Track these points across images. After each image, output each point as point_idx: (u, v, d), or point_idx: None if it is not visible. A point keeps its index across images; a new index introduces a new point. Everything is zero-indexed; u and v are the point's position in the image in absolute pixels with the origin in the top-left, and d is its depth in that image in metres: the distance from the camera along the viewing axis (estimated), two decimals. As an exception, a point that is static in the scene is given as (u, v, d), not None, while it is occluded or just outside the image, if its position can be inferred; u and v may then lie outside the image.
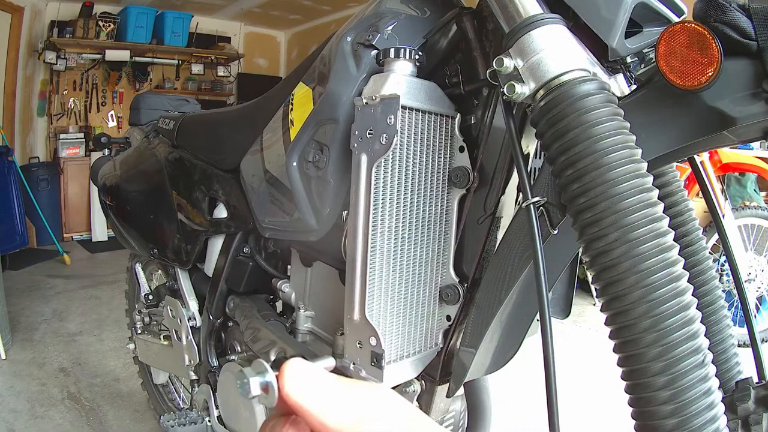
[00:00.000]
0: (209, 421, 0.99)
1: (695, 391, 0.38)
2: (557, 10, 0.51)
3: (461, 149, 0.64)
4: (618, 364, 0.42)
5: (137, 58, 4.59)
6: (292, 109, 0.73)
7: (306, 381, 0.20)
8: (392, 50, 0.59)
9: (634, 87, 0.53)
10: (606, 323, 0.43)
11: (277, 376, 0.20)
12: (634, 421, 0.41)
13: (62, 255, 3.60)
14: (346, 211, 0.67)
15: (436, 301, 0.65)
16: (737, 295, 0.63)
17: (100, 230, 4.28)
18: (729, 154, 2.42)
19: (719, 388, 0.40)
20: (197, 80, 5.14)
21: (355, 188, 0.58)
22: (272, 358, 0.77)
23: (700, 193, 0.67)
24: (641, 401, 0.40)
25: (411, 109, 0.58)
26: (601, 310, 0.44)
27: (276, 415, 0.22)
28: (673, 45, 0.47)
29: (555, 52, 0.48)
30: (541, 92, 0.48)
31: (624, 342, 0.41)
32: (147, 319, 1.26)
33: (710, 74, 0.45)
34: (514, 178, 0.61)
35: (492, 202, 0.62)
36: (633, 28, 0.52)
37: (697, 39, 0.46)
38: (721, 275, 2.14)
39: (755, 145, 2.69)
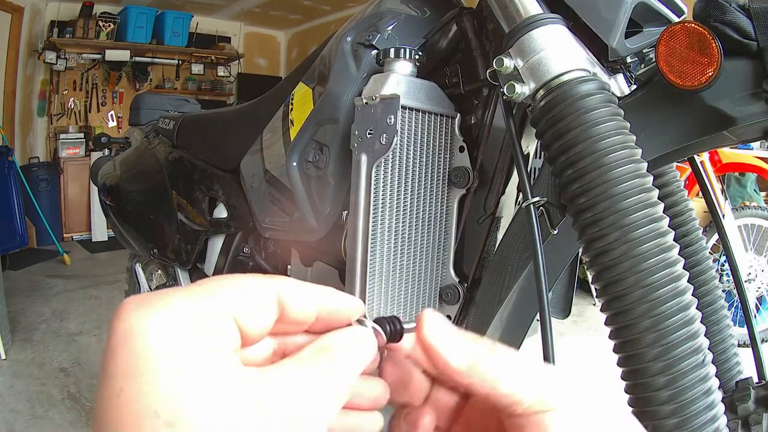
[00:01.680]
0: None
1: (695, 391, 0.38)
2: (557, 10, 0.51)
3: (461, 149, 0.64)
4: (618, 364, 0.42)
5: (137, 58, 4.59)
6: (292, 109, 0.73)
7: (440, 327, 0.24)
8: (392, 50, 0.59)
9: (634, 87, 0.53)
10: (606, 323, 0.43)
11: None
12: (634, 421, 0.41)
13: (62, 255, 3.60)
14: (346, 211, 0.67)
15: (436, 301, 0.65)
16: (737, 295, 0.64)
17: (100, 230, 4.28)
18: (729, 154, 2.42)
19: (719, 388, 0.40)
20: (197, 80, 5.14)
21: (355, 188, 0.58)
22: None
23: (700, 193, 0.67)
24: (641, 401, 0.40)
25: (411, 109, 0.58)
26: (601, 310, 0.44)
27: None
28: (673, 45, 0.47)
29: (555, 52, 0.48)
30: (541, 92, 0.48)
31: (624, 342, 0.41)
32: (147, 319, 1.26)
33: (710, 74, 0.45)
34: (514, 178, 0.61)
35: (492, 202, 0.62)
36: (633, 28, 0.52)
37: (697, 39, 0.46)
38: (721, 275, 2.14)
39: (755, 145, 2.69)
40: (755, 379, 0.56)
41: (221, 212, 0.96)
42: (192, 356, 0.19)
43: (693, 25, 0.46)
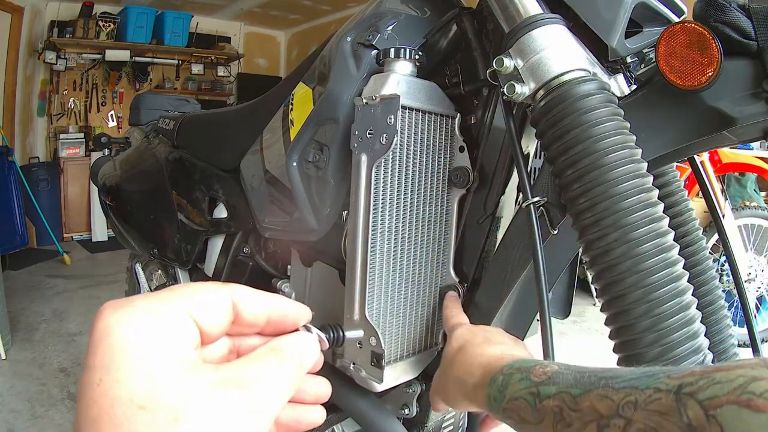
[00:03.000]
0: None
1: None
2: (557, 10, 0.51)
3: (461, 149, 0.64)
4: (618, 365, 0.42)
5: (137, 58, 4.59)
6: (292, 109, 0.73)
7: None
8: (392, 50, 0.59)
9: (634, 87, 0.53)
10: (606, 323, 0.43)
11: None
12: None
13: (62, 255, 3.60)
14: (346, 211, 0.67)
15: (436, 301, 0.65)
16: (737, 295, 0.63)
17: (100, 230, 4.28)
18: (729, 154, 2.42)
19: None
20: (197, 80, 5.14)
21: (355, 188, 0.58)
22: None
23: (700, 193, 0.67)
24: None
25: (411, 109, 0.58)
26: (602, 310, 0.44)
27: None
28: (673, 45, 0.47)
29: (555, 52, 0.48)
30: (542, 92, 0.48)
31: (624, 342, 0.41)
32: (147, 319, 1.26)
33: (710, 74, 0.45)
34: (514, 178, 0.61)
35: (492, 202, 0.62)
36: (633, 28, 0.52)
37: (697, 39, 0.46)
38: (721, 275, 2.14)
39: (755, 145, 2.69)
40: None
41: (221, 212, 0.96)
42: (158, 351, 0.22)
43: (693, 25, 0.46)
